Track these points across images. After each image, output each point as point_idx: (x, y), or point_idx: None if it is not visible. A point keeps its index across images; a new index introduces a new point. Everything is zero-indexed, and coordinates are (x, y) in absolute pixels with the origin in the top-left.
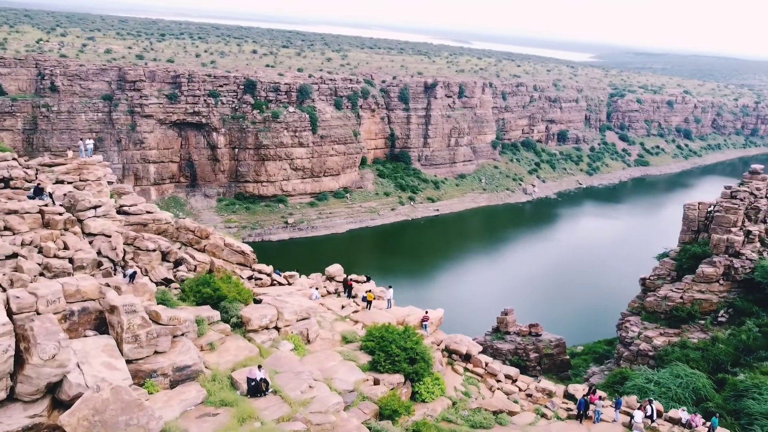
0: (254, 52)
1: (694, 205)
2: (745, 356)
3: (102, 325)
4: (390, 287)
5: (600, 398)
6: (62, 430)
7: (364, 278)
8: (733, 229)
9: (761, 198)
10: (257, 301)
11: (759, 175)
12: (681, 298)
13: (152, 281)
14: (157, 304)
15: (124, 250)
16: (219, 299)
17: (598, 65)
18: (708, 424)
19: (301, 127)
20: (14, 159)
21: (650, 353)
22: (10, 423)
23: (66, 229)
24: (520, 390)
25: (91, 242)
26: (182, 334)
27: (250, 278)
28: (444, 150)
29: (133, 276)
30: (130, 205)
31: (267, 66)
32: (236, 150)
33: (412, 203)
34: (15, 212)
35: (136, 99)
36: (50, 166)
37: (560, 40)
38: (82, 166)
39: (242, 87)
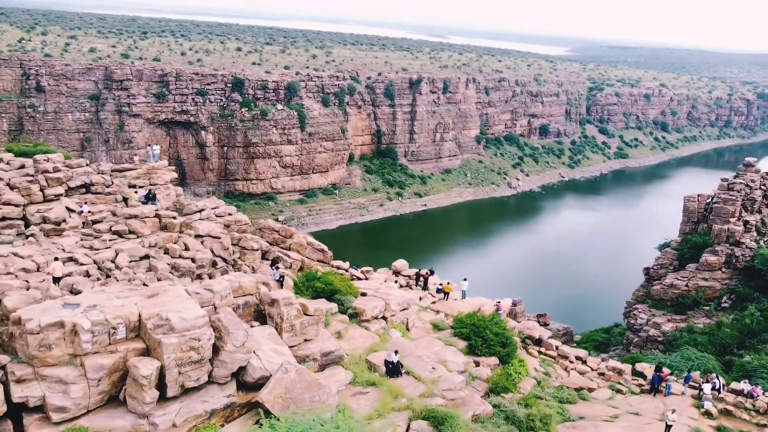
0: (239, 49)
1: (694, 197)
2: (749, 339)
3: (258, 317)
4: (465, 279)
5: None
6: (250, 407)
7: (428, 272)
8: (732, 220)
9: (756, 189)
10: (362, 294)
11: (753, 167)
12: (686, 285)
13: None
14: None
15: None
16: (332, 293)
17: (574, 59)
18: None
19: (290, 125)
20: (87, 165)
21: (659, 338)
22: (214, 402)
23: (181, 232)
24: (591, 369)
25: (201, 243)
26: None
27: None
28: (430, 145)
29: (282, 278)
30: (213, 208)
31: (254, 64)
32: (225, 148)
33: (399, 199)
34: (135, 217)
35: (124, 98)
36: (120, 171)
37: (536, 34)
38: (151, 170)
39: (230, 85)
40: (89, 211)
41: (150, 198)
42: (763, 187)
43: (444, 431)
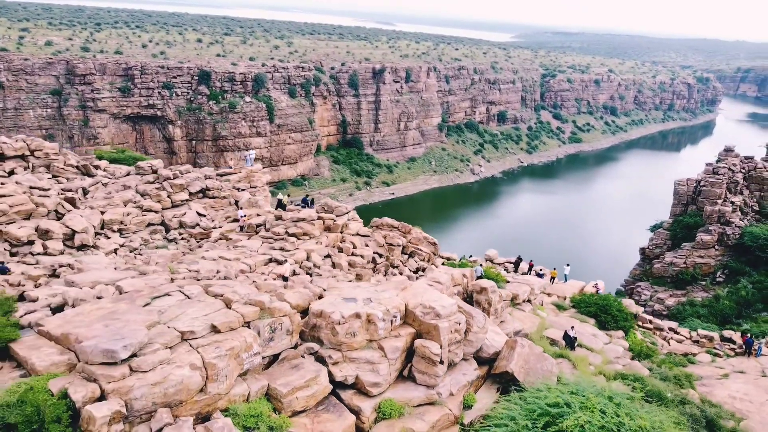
0: (199, 41)
1: (683, 181)
2: (745, 309)
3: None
4: (568, 265)
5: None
6: (485, 379)
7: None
8: (719, 201)
9: (737, 173)
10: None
11: (732, 152)
12: (684, 263)
13: (410, 271)
14: None
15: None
16: (495, 281)
17: (524, 46)
18: None
19: (259, 117)
20: (194, 170)
21: (664, 312)
22: (469, 374)
23: (341, 232)
24: (686, 338)
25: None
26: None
27: (443, 264)
28: (394, 134)
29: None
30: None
31: (218, 56)
32: (194, 142)
33: (368, 188)
34: (302, 220)
35: (88, 93)
36: (222, 175)
37: (482, 21)
38: (250, 174)
39: (196, 78)
40: (244, 216)
41: (306, 202)
42: (743, 170)
43: (639, 387)
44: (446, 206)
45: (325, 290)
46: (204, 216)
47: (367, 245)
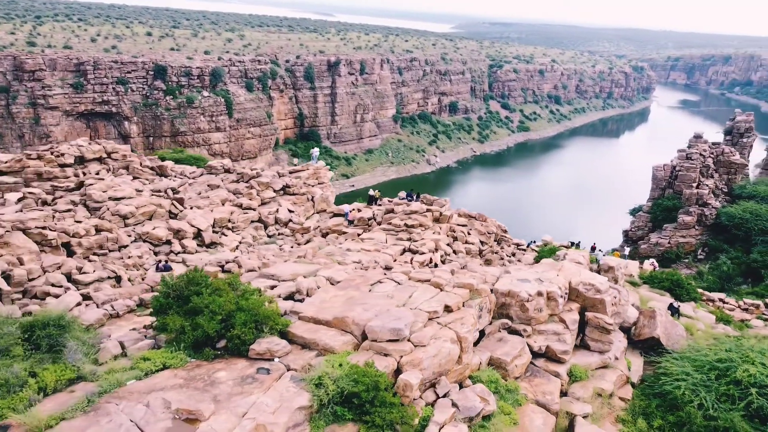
0: (149, 34)
1: (660, 167)
2: (726, 283)
3: None
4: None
5: None
6: (636, 344)
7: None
8: (693, 185)
9: (708, 158)
10: None
11: (701, 138)
12: (668, 243)
13: (507, 256)
14: None
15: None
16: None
17: (462, 36)
18: None
19: (218, 112)
20: (262, 169)
21: None
22: (622, 342)
23: (448, 222)
24: (736, 307)
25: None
26: None
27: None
28: (351, 127)
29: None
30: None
31: (172, 50)
32: (151, 138)
33: None
34: (415, 212)
35: (38, 90)
36: (291, 173)
37: (419, 11)
38: (316, 171)
39: (152, 73)
40: (353, 210)
41: (411, 196)
42: (712, 156)
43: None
44: None
45: (496, 275)
46: (293, 212)
47: (469, 233)
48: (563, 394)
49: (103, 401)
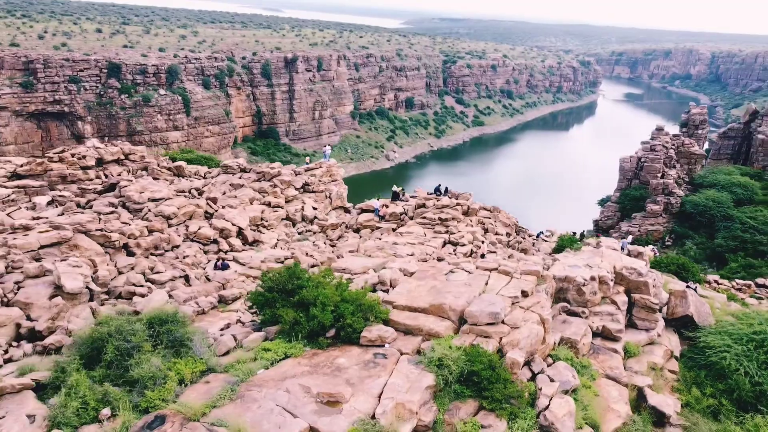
0: (99, 30)
1: (627, 159)
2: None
3: None
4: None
5: None
6: (670, 322)
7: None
8: (658, 175)
9: (670, 149)
10: None
11: (663, 131)
12: (638, 230)
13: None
14: None
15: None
16: None
17: (412, 32)
18: None
19: (175, 110)
20: (279, 168)
21: None
22: (661, 321)
23: (476, 215)
24: (730, 287)
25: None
26: None
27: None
28: (309, 123)
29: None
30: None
31: (125, 47)
32: (106, 138)
33: None
34: (446, 206)
35: None
36: (307, 170)
37: (368, 7)
38: (329, 168)
39: (105, 71)
40: (385, 205)
41: (439, 191)
42: (673, 147)
43: None
44: (366, 193)
45: (548, 262)
46: (316, 209)
47: (494, 225)
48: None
49: (244, 389)
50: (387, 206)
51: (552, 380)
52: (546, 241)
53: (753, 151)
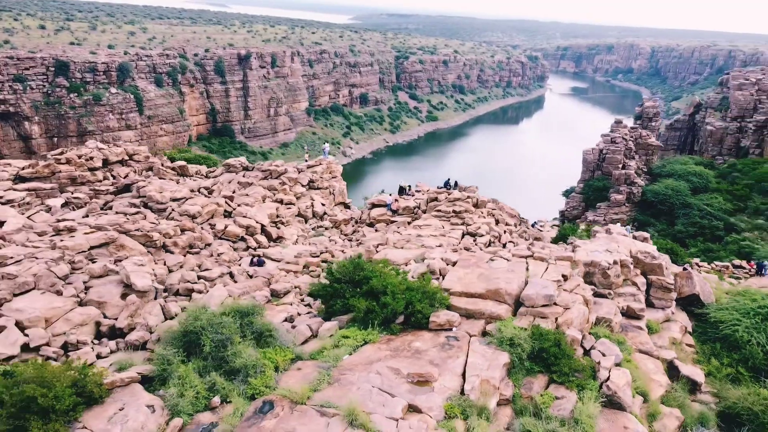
0: (43, 27)
1: (590, 151)
2: None
3: None
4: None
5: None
6: (678, 301)
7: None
8: (619, 166)
9: (629, 141)
10: None
11: (621, 123)
12: (603, 220)
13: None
14: None
15: None
16: None
17: (360, 27)
18: None
19: (127, 109)
20: (283, 165)
21: None
22: (672, 300)
23: (485, 207)
24: (710, 268)
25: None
26: None
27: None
28: (265, 121)
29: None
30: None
31: (72, 44)
32: (55, 139)
33: None
34: (458, 199)
35: None
36: (309, 167)
37: (316, 2)
38: (329, 165)
39: (53, 69)
40: (396, 199)
41: (449, 185)
42: (632, 139)
43: None
44: None
45: (572, 249)
46: (324, 205)
47: (502, 216)
48: None
49: (337, 374)
50: (398, 200)
51: (604, 354)
52: (541, 230)
53: (702, 141)
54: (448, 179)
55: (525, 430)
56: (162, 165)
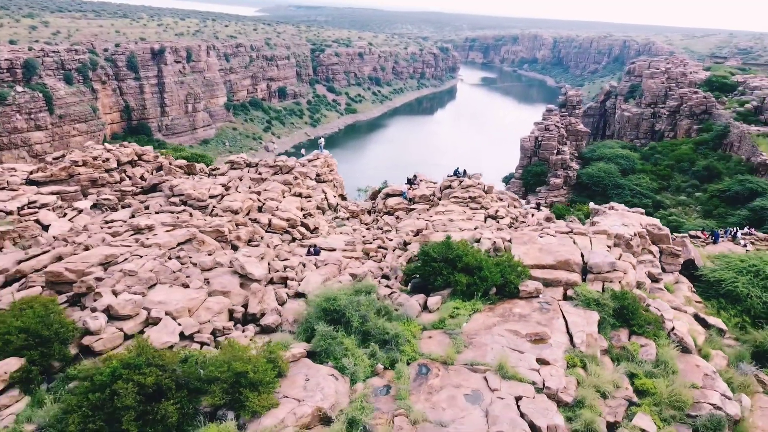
0: None
1: (527, 138)
2: None
3: None
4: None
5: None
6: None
7: None
8: (555, 151)
9: (561, 128)
10: None
11: (553, 112)
12: (545, 202)
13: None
14: None
15: None
16: None
17: (269, 20)
18: None
19: (36, 108)
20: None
21: None
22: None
23: (492, 192)
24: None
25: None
26: None
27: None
28: (183, 117)
29: None
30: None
31: None
32: None
33: None
34: (471, 186)
35: None
36: (309, 161)
37: None
38: (327, 159)
39: None
40: (410, 189)
41: (458, 173)
42: (563, 126)
43: None
44: None
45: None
46: (335, 197)
47: (510, 200)
48: None
49: (467, 338)
50: (412, 189)
51: (658, 310)
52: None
53: (620, 126)
54: (457, 168)
55: (629, 372)
56: (170, 164)
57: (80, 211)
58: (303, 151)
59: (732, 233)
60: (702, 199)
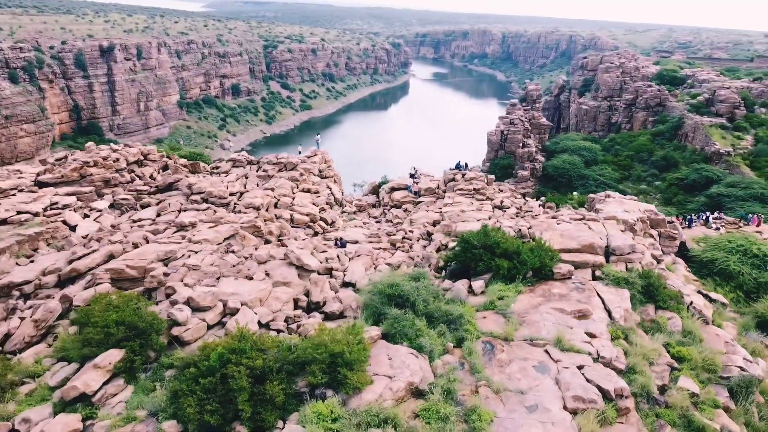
0: None
1: (494, 132)
2: None
3: None
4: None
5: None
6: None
7: None
8: (520, 144)
9: (525, 122)
10: None
11: (516, 106)
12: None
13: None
14: None
15: None
16: None
17: (217, 16)
18: None
19: None
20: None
21: None
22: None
23: (493, 184)
24: None
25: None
26: None
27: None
28: (135, 116)
29: None
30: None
31: None
32: None
33: None
34: (474, 179)
35: None
36: (308, 158)
37: None
38: (323, 156)
39: None
40: (415, 182)
41: (459, 166)
42: (527, 120)
43: None
44: None
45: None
46: (340, 192)
47: (510, 191)
48: None
49: (518, 317)
50: (417, 183)
51: (674, 286)
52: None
53: (577, 119)
54: (459, 161)
55: (665, 342)
56: (175, 163)
57: (99, 212)
58: (300, 148)
59: (704, 218)
60: (661, 188)
